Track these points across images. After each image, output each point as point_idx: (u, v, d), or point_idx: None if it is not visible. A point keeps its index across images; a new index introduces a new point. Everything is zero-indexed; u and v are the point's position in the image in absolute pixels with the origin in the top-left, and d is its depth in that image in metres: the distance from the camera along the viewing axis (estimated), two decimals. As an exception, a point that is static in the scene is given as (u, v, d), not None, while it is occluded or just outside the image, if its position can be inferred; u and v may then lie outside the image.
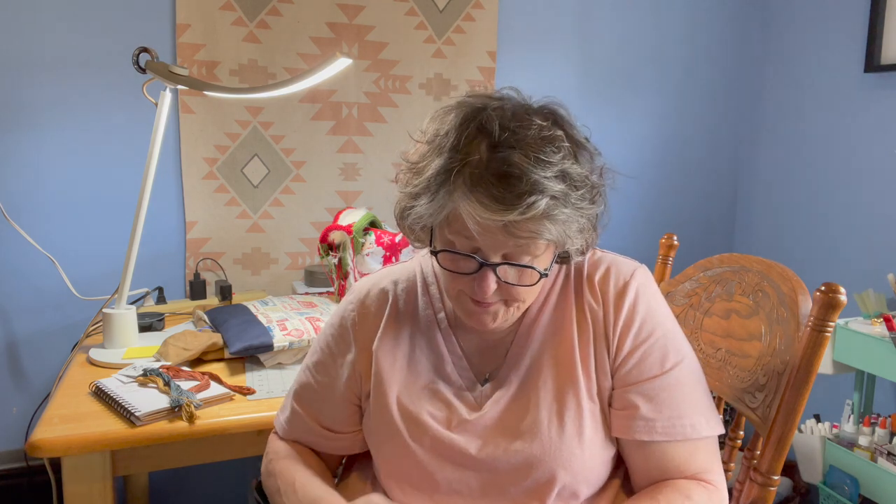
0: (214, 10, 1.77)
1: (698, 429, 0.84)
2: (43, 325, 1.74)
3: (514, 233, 0.75)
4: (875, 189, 1.99)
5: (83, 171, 1.72)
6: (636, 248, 2.31)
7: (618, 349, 0.86)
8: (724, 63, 2.37)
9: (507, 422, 0.85)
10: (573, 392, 0.84)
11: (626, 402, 0.85)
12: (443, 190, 0.77)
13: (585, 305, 0.88)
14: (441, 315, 0.93)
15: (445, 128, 0.79)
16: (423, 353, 0.91)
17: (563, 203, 0.75)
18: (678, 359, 0.86)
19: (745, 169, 2.44)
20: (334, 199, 1.97)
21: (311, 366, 0.98)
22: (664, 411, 0.84)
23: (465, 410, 0.87)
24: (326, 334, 0.98)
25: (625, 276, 0.88)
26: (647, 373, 0.85)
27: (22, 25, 1.62)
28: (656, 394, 0.84)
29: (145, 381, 1.22)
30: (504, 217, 0.73)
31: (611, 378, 0.86)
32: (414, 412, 0.87)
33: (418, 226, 0.83)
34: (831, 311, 0.87)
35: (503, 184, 0.73)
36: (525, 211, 0.72)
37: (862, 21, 1.99)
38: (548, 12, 2.12)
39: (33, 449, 1.05)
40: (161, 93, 1.40)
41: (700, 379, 0.89)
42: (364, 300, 0.95)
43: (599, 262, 0.91)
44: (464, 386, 0.89)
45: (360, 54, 1.92)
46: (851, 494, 1.68)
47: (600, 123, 2.22)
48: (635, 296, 0.87)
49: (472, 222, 0.74)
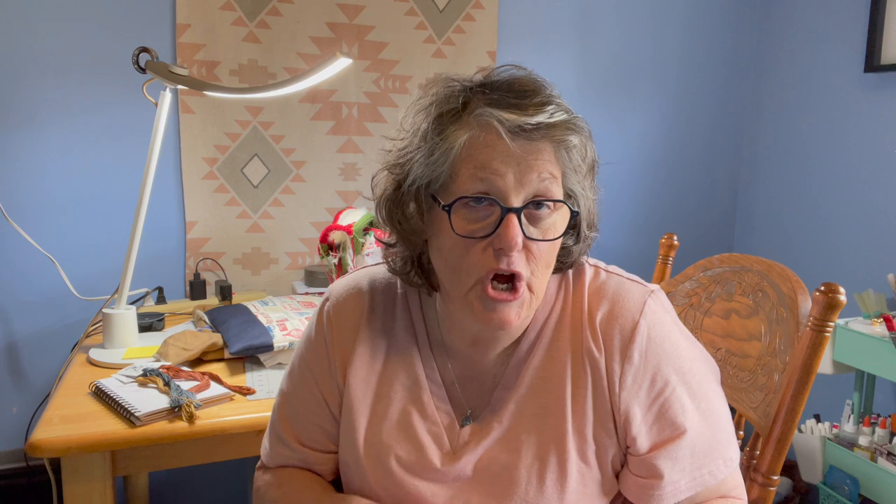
0: (214, 10, 1.77)
1: (716, 474, 0.78)
2: (43, 325, 1.74)
3: (542, 148, 0.69)
4: (875, 189, 1.99)
5: (83, 171, 1.72)
6: (636, 248, 2.31)
7: (627, 409, 0.75)
8: (724, 63, 2.37)
9: (481, 478, 0.76)
10: (557, 453, 0.75)
11: (649, 470, 0.76)
12: (449, 129, 0.70)
13: (583, 350, 0.76)
14: (421, 334, 0.82)
15: (424, 97, 0.74)
16: (397, 377, 0.81)
17: (573, 121, 0.71)
18: (697, 404, 0.77)
19: (745, 169, 2.44)
20: (334, 199, 1.97)
21: (289, 386, 0.88)
22: (686, 468, 0.76)
23: (438, 457, 0.78)
24: (303, 348, 0.87)
25: (633, 316, 0.76)
26: (668, 432, 0.76)
27: (22, 25, 1.62)
28: (681, 455, 0.76)
29: (145, 382, 1.22)
30: (534, 118, 0.67)
31: (617, 440, 0.77)
32: (380, 453, 0.79)
33: (412, 200, 0.73)
34: (831, 311, 0.87)
35: (520, 93, 0.69)
36: (552, 116, 0.68)
37: (862, 21, 1.99)
38: (548, 12, 2.12)
39: (33, 449, 1.05)
40: (161, 93, 1.40)
41: (722, 412, 0.80)
42: (339, 310, 0.84)
43: (602, 294, 0.78)
44: (440, 423, 0.79)
45: (360, 54, 1.92)
46: (851, 494, 1.68)
47: (600, 123, 2.22)
48: (646, 341, 0.75)
49: (502, 129, 0.67)
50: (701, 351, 0.82)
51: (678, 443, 0.75)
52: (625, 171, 2.30)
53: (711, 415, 0.78)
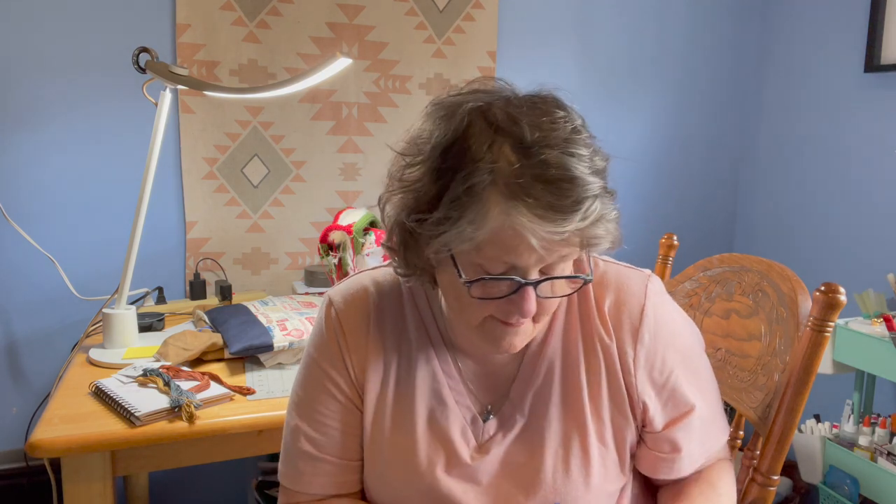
0: (214, 10, 1.77)
1: (719, 439, 0.86)
2: (43, 325, 1.74)
3: (571, 241, 0.65)
4: (875, 189, 1.99)
5: (83, 170, 1.72)
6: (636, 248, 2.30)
7: (643, 389, 0.79)
8: (724, 63, 2.37)
9: (509, 469, 0.78)
10: (580, 436, 0.78)
11: (670, 444, 0.81)
12: (470, 211, 0.64)
13: (595, 338, 0.79)
14: (433, 331, 0.82)
15: (446, 136, 0.67)
16: (416, 376, 0.80)
17: (605, 199, 0.66)
18: (698, 377, 0.83)
19: (745, 169, 2.44)
20: (334, 199, 1.97)
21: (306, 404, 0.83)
22: (698, 438, 0.82)
23: (466, 452, 0.78)
24: (314, 360, 0.84)
25: (638, 301, 0.80)
26: (681, 408, 0.81)
27: (22, 25, 1.62)
28: (695, 426, 0.81)
29: (145, 382, 1.22)
30: (565, 227, 0.62)
31: (633, 420, 0.80)
32: (408, 454, 0.78)
33: (434, 255, 0.69)
34: (831, 311, 0.87)
35: (555, 190, 0.62)
36: (586, 216, 0.63)
37: (862, 21, 1.99)
38: (548, 12, 2.12)
39: (33, 449, 1.05)
40: (161, 93, 1.40)
41: (714, 383, 0.87)
42: (348, 314, 0.82)
43: (606, 283, 0.81)
44: (464, 419, 0.80)
45: (360, 54, 1.92)
46: (851, 494, 1.68)
47: (600, 123, 2.20)
48: (654, 323, 0.79)
49: (532, 238, 0.63)
50: (690, 323, 0.87)
51: (691, 416, 0.81)
52: (625, 170, 2.30)
53: (707, 386, 0.85)
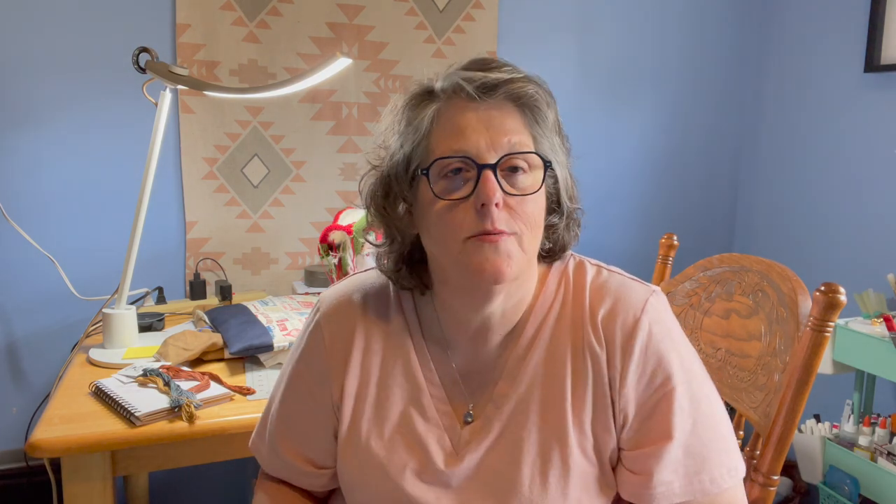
0: (214, 10, 1.77)
1: (718, 482, 0.76)
2: (43, 325, 1.74)
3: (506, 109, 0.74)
4: (875, 189, 1.99)
5: (83, 170, 1.72)
6: (636, 248, 2.31)
7: (626, 404, 0.76)
8: (724, 63, 2.36)
9: (484, 478, 0.77)
10: (560, 448, 0.75)
11: (641, 467, 0.76)
12: (419, 108, 0.75)
13: (585, 346, 0.77)
14: (417, 334, 0.83)
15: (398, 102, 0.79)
16: (395, 382, 0.81)
17: (534, 79, 0.76)
18: (695, 406, 0.76)
19: (746, 169, 2.44)
20: (334, 199, 1.97)
21: (283, 399, 0.87)
22: (679, 470, 0.75)
23: (441, 458, 0.78)
24: (295, 358, 0.87)
25: (634, 312, 0.77)
26: (663, 432, 0.75)
27: (22, 25, 1.62)
28: (674, 455, 0.75)
29: (145, 382, 1.22)
30: (493, 74, 0.73)
31: (615, 435, 0.77)
32: (383, 460, 0.79)
33: (395, 181, 0.77)
34: (831, 311, 0.87)
35: (479, 63, 0.75)
36: (511, 71, 0.74)
37: (862, 21, 1.99)
38: (548, 12, 2.12)
39: (33, 449, 1.05)
40: (161, 93, 1.40)
41: (721, 417, 0.79)
42: (334, 318, 0.84)
43: (604, 292, 0.79)
44: (441, 425, 0.80)
45: (360, 54, 1.92)
46: (851, 494, 1.68)
47: (600, 123, 2.22)
48: (647, 337, 0.76)
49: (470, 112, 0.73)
50: (692, 351, 0.82)
51: (668, 446, 0.75)
52: (625, 170, 2.30)
53: (710, 417, 0.77)
